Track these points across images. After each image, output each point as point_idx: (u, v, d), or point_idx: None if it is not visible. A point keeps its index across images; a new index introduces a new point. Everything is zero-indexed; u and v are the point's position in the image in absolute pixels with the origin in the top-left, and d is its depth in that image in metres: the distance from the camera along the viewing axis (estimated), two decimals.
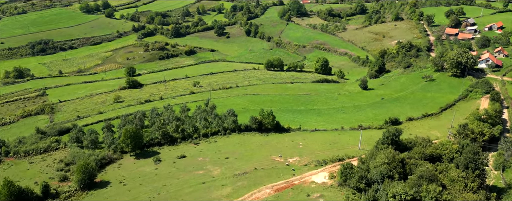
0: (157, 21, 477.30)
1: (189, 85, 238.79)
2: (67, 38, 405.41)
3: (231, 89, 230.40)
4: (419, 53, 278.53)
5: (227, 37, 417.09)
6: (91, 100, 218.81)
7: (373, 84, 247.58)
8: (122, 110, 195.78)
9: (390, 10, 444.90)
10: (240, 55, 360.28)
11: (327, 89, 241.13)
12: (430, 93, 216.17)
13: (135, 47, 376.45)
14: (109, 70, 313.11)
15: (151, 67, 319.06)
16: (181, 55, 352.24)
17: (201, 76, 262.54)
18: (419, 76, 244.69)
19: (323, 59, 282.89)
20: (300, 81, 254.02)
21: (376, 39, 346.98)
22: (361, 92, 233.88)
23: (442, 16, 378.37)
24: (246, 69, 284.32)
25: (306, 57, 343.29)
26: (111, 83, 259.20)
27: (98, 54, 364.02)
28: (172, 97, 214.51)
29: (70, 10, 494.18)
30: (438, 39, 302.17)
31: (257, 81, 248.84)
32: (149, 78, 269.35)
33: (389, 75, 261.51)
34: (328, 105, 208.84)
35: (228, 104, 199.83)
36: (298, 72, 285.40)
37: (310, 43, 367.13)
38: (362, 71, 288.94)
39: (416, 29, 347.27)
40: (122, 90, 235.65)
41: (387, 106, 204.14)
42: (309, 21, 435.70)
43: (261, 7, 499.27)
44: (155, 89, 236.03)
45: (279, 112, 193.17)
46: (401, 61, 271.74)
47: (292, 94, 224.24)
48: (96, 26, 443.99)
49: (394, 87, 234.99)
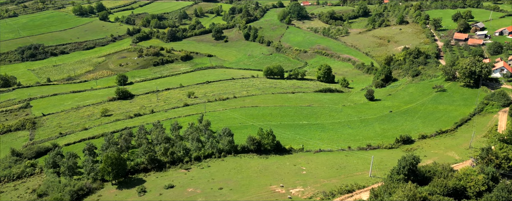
0: (153, 24, 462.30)
1: (183, 96, 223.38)
2: (59, 42, 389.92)
3: (228, 101, 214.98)
4: (427, 60, 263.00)
5: (225, 41, 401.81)
6: (77, 113, 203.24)
7: (380, 94, 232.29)
8: (109, 126, 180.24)
9: (394, 13, 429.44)
10: (238, 60, 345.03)
11: (331, 100, 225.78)
12: (442, 106, 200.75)
13: (129, 52, 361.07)
14: (100, 77, 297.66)
15: (145, 74, 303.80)
16: (176, 61, 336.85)
17: (197, 85, 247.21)
18: (429, 85, 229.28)
19: (326, 67, 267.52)
20: (301, 91, 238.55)
21: (380, 44, 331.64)
22: (367, 103, 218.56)
23: (449, 19, 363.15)
24: (244, 77, 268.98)
25: (307, 63, 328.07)
26: (101, 93, 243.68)
27: (90, 59, 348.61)
28: (164, 110, 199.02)
29: (63, 13, 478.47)
30: (447, 45, 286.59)
31: (256, 91, 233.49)
32: (141, 87, 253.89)
33: (396, 84, 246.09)
34: (332, 119, 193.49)
35: (224, 119, 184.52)
36: (299, 80, 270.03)
37: (311, 48, 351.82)
38: (367, 79, 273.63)
39: (423, 34, 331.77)
40: (111, 102, 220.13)
41: (396, 120, 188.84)
42: (310, 24, 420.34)
43: (260, 10, 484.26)
44: (146, 100, 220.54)
45: (279, 127, 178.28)
46: (408, 69, 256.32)
47: (294, 105, 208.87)
48: (89, 30, 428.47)
49: (403, 98, 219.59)
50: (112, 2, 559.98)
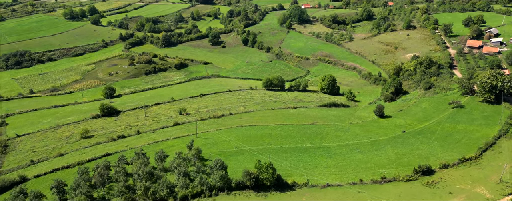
0: (148, 28, 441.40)
1: (174, 112, 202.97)
2: (47, 48, 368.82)
3: (223, 118, 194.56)
4: (440, 71, 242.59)
5: (223, 46, 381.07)
6: (55, 133, 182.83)
7: (390, 109, 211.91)
8: (87, 151, 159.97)
9: (399, 16, 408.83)
10: (236, 68, 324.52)
11: (337, 116, 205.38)
12: (461, 125, 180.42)
13: (120, 59, 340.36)
14: (87, 88, 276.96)
15: (135, 84, 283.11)
16: (170, 69, 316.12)
17: (190, 99, 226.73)
18: (444, 100, 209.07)
19: (330, 78, 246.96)
20: (304, 106, 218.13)
21: (387, 51, 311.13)
22: (377, 120, 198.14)
23: (459, 24, 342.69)
24: (241, 88, 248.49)
25: (309, 71, 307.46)
26: (84, 108, 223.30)
27: (79, 67, 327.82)
28: (152, 131, 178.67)
29: (53, 16, 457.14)
30: (460, 53, 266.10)
31: (254, 106, 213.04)
32: (129, 101, 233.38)
33: (408, 98, 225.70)
34: (339, 140, 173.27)
35: (217, 142, 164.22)
36: (301, 92, 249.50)
37: (313, 54, 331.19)
38: (375, 91, 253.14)
39: (432, 40, 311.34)
40: (94, 119, 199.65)
41: (411, 143, 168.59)
42: (311, 28, 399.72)
43: (259, 13, 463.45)
44: (133, 117, 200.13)
45: (280, 152, 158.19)
46: (420, 81, 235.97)
47: (296, 123, 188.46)
48: (80, 35, 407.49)
49: (416, 115, 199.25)
50: (106, 5, 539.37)
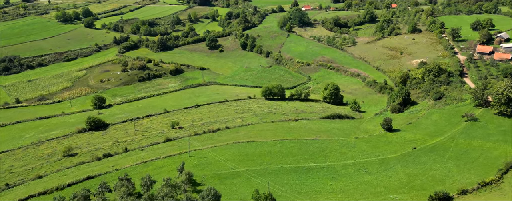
0: (143, 31, 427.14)
1: (166, 126, 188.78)
2: (37, 53, 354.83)
3: (219, 133, 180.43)
4: (450, 79, 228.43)
5: (220, 51, 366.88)
6: (36, 150, 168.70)
7: (398, 122, 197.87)
8: (68, 172, 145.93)
9: (403, 18, 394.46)
10: (234, 74, 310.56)
11: (341, 130, 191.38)
12: (477, 141, 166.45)
13: (114, 65, 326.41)
14: (76, 96, 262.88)
15: (128, 92, 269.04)
16: (165, 75, 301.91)
17: (184, 110, 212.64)
18: (456, 112, 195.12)
19: (333, 86, 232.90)
20: (306, 118, 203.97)
21: (392, 56, 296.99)
22: (384, 134, 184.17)
23: (467, 27, 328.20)
24: (239, 98, 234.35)
25: (311, 77, 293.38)
26: (71, 120, 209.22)
27: (70, 73, 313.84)
28: (141, 148, 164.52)
29: (46, 19, 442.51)
30: (470, 60, 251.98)
31: (252, 118, 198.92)
32: (120, 111, 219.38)
33: (416, 108, 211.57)
34: (344, 158, 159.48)
35: (211, 162, 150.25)
36: (303, 102, 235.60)
37: (315, 60, 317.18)
38: (381, 100, 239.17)
39: (440, 45, 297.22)
40: (80, 134, 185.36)
41: (423, 161, 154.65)
42: (313, 32, 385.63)
43: (259, 15, 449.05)
44: (122, 131, 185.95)
45: (281, 174, 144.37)
46: (429, 90, 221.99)
47: (297, 139, 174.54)
48: (72, 38, 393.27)
49: (426, 129, 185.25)
50: (101, 7, 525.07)
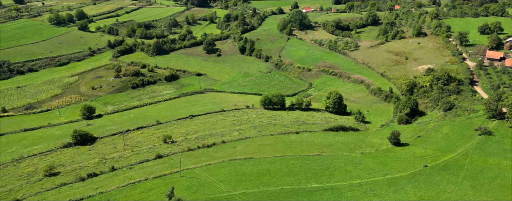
0: (139, 34, 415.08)
1: (157, 140, 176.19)
2: (29, 57, 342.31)
3: (215, 148, 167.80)
4: (460, 88, 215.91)
5: (218, 55, 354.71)
6: (17, 169, 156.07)
7: (406, 134, 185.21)
8: (49, 196, 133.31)
9: (407, 21, 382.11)
10: (232, 80, 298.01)
11: (345, 144, 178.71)
12: (493, 159, 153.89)
13: (107, 70, 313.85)
14: (66, 105, 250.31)
15: (120, 100, 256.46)
16: (159, 81, 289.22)
17: (177, 122, 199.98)
18: (468, 125, 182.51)
19: (336, 95, 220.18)
20: (307, 130, 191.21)
21: (397, 61, 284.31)
22: (392, 149, 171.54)
23: (474, 31, 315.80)
24: (237, 107, 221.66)
25: (312, 84, 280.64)
26: (57, 133, 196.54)
27: (61, 79, 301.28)
28: (129, 167, 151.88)
29: (38, 22, 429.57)
30: (480, 67, 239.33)
31: (250, 130, 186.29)
32: (110, 122, 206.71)
33: (425, 120, 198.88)
34: (350, 177, 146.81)
35: (205, 183, 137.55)
36: (304, 111, 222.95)
37: (316, 65, 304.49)
38: (386, 110, 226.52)
39: (447, 50, 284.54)
40: (65, 149, 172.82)
41: (435, 182, 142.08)
42: (313, 35, 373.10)
43: (258, 17, 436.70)
44: (110, 146, 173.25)
45: (281, 197, 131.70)
46: (438, 99, 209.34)
47: (299, 155, 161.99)
48: (65, 42, 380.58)
49: (437, 143, 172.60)
50: (96, 8, 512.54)
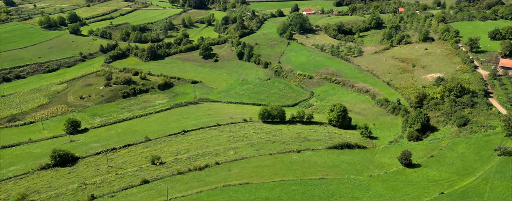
0: (133, 38, 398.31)
1: (145, 161, 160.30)
2: (16, 63, 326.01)
3: (207, 171, 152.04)
4: (474, 100, 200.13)
5: (215, 60, 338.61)
6: None
7: (417, 153, 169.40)
8: None
9: (412, 24, 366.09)
10: (229, 88, 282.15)
11: (351, 164, 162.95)
12: None
13: (97, 77, 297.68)
14: (52, 116, 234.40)
15: (109, 110, 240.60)
16: (152, 90, 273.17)
17: (168, 138, 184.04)
18: (486, 144, 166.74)
19: (340, 108, 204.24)
20: (310, 148, 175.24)
21: (404, 69, 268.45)
22: (403, 171, 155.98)
23: (484, 36, 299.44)
24: (233, 121, 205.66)
25: (314, 93, 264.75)
26: (37, 151, 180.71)
27: (49, 87, 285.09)
28: (111, 194, 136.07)
29: (28, 25, 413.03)
30: (494, 76, 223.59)
31: (247, 149, 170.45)
32: (96, 138, 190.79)
33: (437, 136, 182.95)
34: None
35: None
36: (305, 125, 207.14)
37: (317, 72, 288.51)
38: (394, 123, 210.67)
39: (456, 57, 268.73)
40: (43, 171, 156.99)
41: None
42: (315, 39, 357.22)
43: (257, 20, 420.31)
44: (93, 168, 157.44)
45: None
46: (450, 113, 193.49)
47: (300, 178, 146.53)
48: (55, 47, 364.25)
49: (453, 164, 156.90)
50: (90, 11, 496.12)
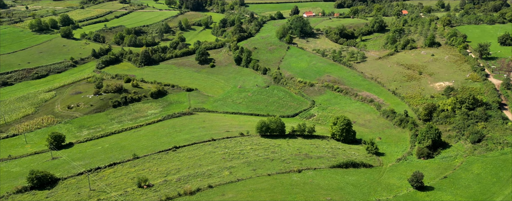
0: (128, 41, 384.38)
1: (131, 183, 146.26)
2: (4, 69, 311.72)
3: (199, 195, 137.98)
4: (487, 113, 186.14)
5: (212, 66, 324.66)
6: None
7: (429, 173, 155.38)
8: None
9: (417, 28, 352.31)
10: (225, 95, 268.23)
11: (357, 186, 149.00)
12: None
13: (88, 84, 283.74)
14: (36, 128, 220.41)
15: (98, 121, 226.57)
16: (145, 98, 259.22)
17: (158, 156, 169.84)
18: (503, 163, 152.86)
19: (344, 121, 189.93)
20: (312, 167, 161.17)
21: (410, 77, 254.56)
22: (414, 195, 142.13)
23: (492, 40, 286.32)
24: (229, 135, 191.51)
25: (315, 102, 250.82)
26: (16, 170, 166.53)
27: (36, 95, 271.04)
28: None
29: (19, 28, 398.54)
30: (507, 86, 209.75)
31: (243, 168, 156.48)
32: (80, 154, 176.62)
33: (450, 154, 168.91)
34: None
35: None
36: (307, 139, 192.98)
37: (319, 79, 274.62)
38: (401, 137, 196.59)
39: (465, 63, 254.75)
40: (19, 195, 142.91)
41: None
42: (316, 43, 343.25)
43: (256, 23, 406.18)
44: (74, 191, 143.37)
45: None
46: (463, 127, 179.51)
47: None
48: (46, 51, 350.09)
49: (469, 187, 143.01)
50: (84, 13, 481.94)
